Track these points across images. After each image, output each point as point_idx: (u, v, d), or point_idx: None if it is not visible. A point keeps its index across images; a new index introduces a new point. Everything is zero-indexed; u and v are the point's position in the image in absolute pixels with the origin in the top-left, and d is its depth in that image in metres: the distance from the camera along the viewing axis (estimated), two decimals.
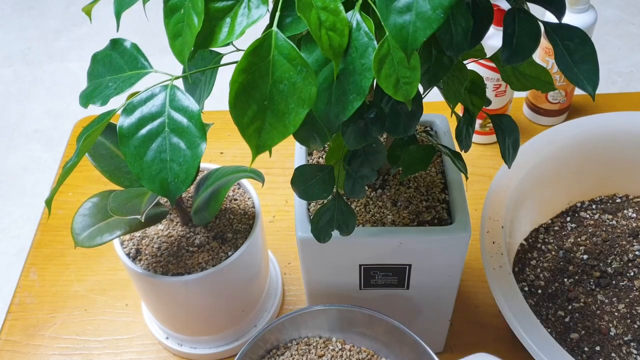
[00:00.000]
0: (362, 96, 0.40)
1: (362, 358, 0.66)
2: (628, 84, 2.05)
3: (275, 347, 0.66)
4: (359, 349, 0.66)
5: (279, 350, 0.66)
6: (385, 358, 0.66)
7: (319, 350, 0.66)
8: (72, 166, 0.46)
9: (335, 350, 0.66)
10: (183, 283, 0.63)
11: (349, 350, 0.66)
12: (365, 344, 0.66)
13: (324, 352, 0.66)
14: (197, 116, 0.44)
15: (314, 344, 0.67)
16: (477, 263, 0.82)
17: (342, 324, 0.66)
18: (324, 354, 0.66)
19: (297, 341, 0.67)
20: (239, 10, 0.41)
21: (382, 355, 0.66)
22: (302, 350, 0.66)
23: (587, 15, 0.87)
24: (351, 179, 0.53)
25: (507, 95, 0.92)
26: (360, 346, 0.67)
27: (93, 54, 0.52)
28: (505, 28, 0.45)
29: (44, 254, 0.88)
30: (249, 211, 0.70)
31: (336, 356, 0.66)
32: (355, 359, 0.66)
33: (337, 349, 0.66)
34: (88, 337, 0.79)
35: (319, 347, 0.66)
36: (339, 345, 0.67)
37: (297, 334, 0.67)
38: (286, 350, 0.66)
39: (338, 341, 0.67)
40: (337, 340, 0.67)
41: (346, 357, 0.66)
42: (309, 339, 0.67)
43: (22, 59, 2.28)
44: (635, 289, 0.73)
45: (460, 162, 0.57)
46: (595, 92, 0.46)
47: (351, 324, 0.65)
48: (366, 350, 0.66)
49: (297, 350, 0.66)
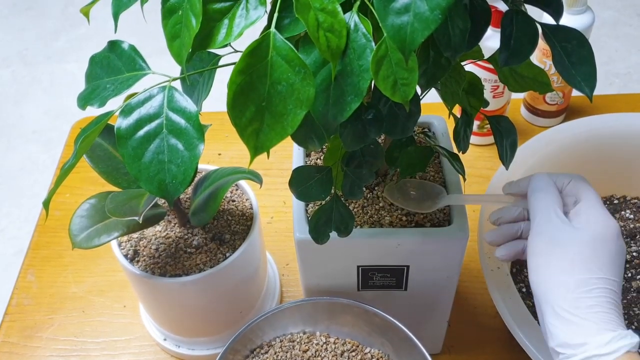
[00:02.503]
0: (360, 97, 0.40)
1: (347, 349, 0.66)
2: (625, 85, 2.05)
3: (259, 346, 0.66)
4: (344, 341, 0.67)
5: (262, 348, 0.66)
6: (370, 347, 0.66)
7: (303, 345, 0.66)
8: (70, 167, 0.46)
9: (320, 344, 0.66)
10: (181, 284, 0.63)
11: (333, 343, 0.67)
12: (350, 335, 0.67)
13: (308, 346, 0.66)
14: (195, 117, 0.44)
15: (298, 339, 0.67)
16: (475, 264, 0.82)
17: (323, 316, 0.66)
18: (308, 348, 0.66)
19: (280, 338, 0.67)
20: (237, 12, 0.41)
21: (367, 345, 0.66)
22: (286, 347, 0.66)
23: (585, 16, 0.88)
24: (349, 180, 0.53)
25: (505, 96, 0.92)
26: (345, 338, 0.67)
27: (91, 55, 0.52)
28: (503, 29, 0.45)
29: (41, 255, 0.88)
30: (247, 212, 0.70)
31: (321, 350, 0.66)
32: (340, 350, 0.66)
33: (321, 343, 0.67)
34: (86, 339, 0.78)
35: (302, 343, 0.67)
36: (323, 339, 0.67)
37: (281, 331, 0.67)
38: (270, 348, 0.66)
39: (322, 335, 0.67)
40: (321, 334, 0.67)
41: (331, 350, 0.66)
42: (293, 335, 0.67)
43: (20, 59, 2.27)
44: (632, 290, 0.73)
45: (457, 163, 0.57)
46: (593, 93, 0.46)
47: (332, 316, 0.65)
48: (350, 341, 0.67)
49: (281, 347, 0.66)
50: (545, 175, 0.53)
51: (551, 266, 0.48)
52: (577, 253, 0.47)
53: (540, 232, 0.49)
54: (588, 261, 0.47)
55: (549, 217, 0.50)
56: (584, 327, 0.46)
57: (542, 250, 0.49)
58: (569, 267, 0.47)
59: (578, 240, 0.48)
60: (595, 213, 0.50)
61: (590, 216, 0.49)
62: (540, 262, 0.49)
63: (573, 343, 0.46)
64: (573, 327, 0.46)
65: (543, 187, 0.52)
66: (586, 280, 0.47)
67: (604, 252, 0.48)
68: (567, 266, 0.47)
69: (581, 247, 0.48)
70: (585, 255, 0.47)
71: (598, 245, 0.48)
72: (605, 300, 0.46)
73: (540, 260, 0.49)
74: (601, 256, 0.47)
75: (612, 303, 0.47)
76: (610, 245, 0.48)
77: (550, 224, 0.49)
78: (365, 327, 0.65)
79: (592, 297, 0.46)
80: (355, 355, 0.66)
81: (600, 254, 0.47)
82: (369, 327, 0.65)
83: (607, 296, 0.47)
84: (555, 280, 0.48)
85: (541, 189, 0.52)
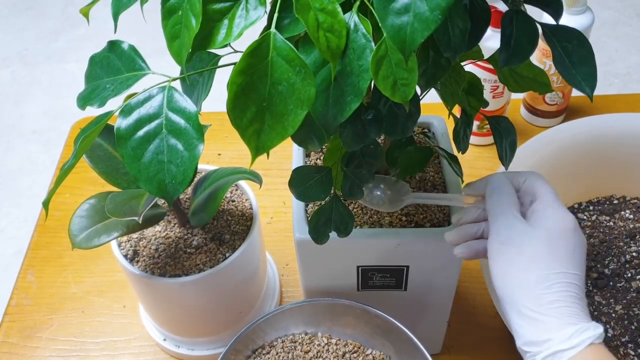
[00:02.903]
0: (360, 97, 0.40)
1: (348, 351, 0.66)
2: (625, 85, 2.05)
3: (261, 346, 0.66)
4: (346, 342, 0.67)
5: (264, 349, 0.66)
6: (372, 349, 0.66)
7: (305, 346, 0.66)
8: (69, 167, 0.46)
9: (322, 345, 0.66)
10: (181, 284, 0.63)
11: (335, 344, 0.67)
12: (352, 337, 0.67)
13: (310, 347, 0.66)
14: (195, 117, 0.44)
15: (300, 340, 0.67)
16: (475, 264, 0.82)
17: (325, 317, 0.66)
18: (309, 349, 0.66)
19: (282, 339, 0.67)
20: (237, 12, 0.41)
21: (369, 347, 0.66)
22: (287, 348, 0.66)
23: (585, 16, 0.88)
24: (349, 181, 0.53)
25: (505, 96, 0.92)
26: (347, 339, 0.67)
27: (91, 55, 0.52)
28: (503, 30, 0.45)
29: (41, 255, 0.88)
30: (247, 213, 0.70)
31: (322, 351, 0.66)
32: (341, 352, 0.66)
33: (322, 344, 0.67)
34: (85, 339, 0.78)
35: (304, 343, 0.67)
36: (325, 340, 0.67)
37: (283, 331, 0.67)
38: (272, 348, 0.66)
39: (324, 336, 0.67)
40: (323, 335, 0.67)
41: (332, 351, 0.66)
42: (295, 336, 0.67)
43: (20, 60, 2.27)
44: (632, 290, 0.73)
45: (455, 164, 0.57)
46: (593, 93, 0.46)
47: (333, 317, 0.65)
48: (352, 343, 0.67)
49: (283, 348, 0.66)
50: (501, 175, 0.53)
51: (511, 267, 0.48)
52: (535, 251, 0.48)
53: (498, 234, 0.50)
54: (545, 258, 0.47)
55: (505, 218, 0.50)
56: (546, 323, 0.46)
57: (501, 253, 0.49)
58: (527, 265, 0.48)
59: (535, 238, 0.48)
60: (551, 209, 0.50)
61: (546, 213, 0.50)
62: (500, 265, 0.49)
63: (538, 340, 0.46)
64: (537, 324, 0.46)
65: (499, 188, 0.52)
66: (545, 276, 0.47)
67: (560, 247, 0.48)
68: (525, 264, 0.48)
69: (538, 245, 0.48)
70: (542, 252, 0.48)
71: (554, 240, 0.48)
72: (567, 295, 0.47)
73: (500, 263, 0.49)
74: (558, 251, 0.48)
75: (574, 296, 0.47)
76: (567, 239, 0.48)
77: (507, 226, 0.50)
78: (366, 329, 0.65)
79: (552, 293, 0.46)
80: (356, 357, 0.66)
81: (557, 249, 0.48)
82: (371, 329, 0.65)
83: (568, 290, 0.47)
84: (515, 281, 0.48)
85: (498, 190, 0.52)
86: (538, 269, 0.47)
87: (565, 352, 0.45)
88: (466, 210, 0.55)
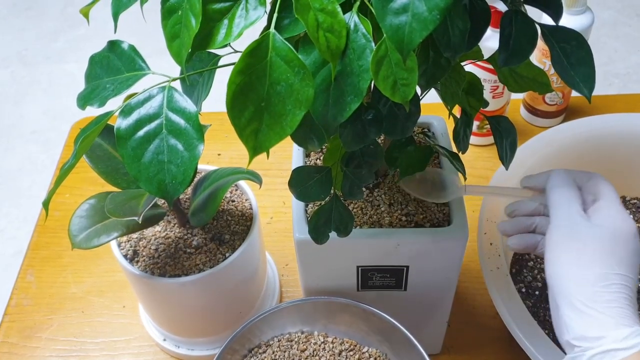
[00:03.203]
0: (360, 98, 0.40)
1: (345, 349, 0.66)
2: (625, 85, 2.06)
3: (257, 345, 0.66)
4: (342, 340, 0.67)
5: (260, 348, 0.66)
6: (368, 347, 0.66)
7: (301, 344, 0.66)
8: (69, 168, 0.46)
9: (318, 344, 0.67)
10: (180, 284, 0.63)
11: (331, 342, 0.67)
12: (348, 335, 0.67)
13: (306, 346, 0.66)
14: (195, 117, 0.44)
15: (296, 339, 0.67)
16: (475, 264, 0.82)
17: (321, 316, 0.66)
18: (306, 348, 0.66)
19: (278, 338, 0.67)
20: (236, 12, 0.41)
21: (365, 344, 0.66)
22: (284, 347, 0.66)
23: (584, 17, 0.88)
24: (349, 181, 0.53)
25: (505, 96, 0.92)
26: (343, 337, 0.67)
27: (91, 55, 0.52)
28: (502, 30, 0.45)
29: (41, 255, 0.88)
30: (247, 213, 0.70)
31: (318, 349, 0.66)
32: (337, 350, 0.66)
33: (319, 342, 0.67)
34: (85, 339, 0.78)
35: (300, 342, 0.67)
36: (321, 338, 0.67)
37: (280, 330, 0.67)
38: (268, 347, 0.66)
39: (320, 334, 0.67)
40: (319, 334, 0.67)
41: (329, 349, 0.66)
42: (291, 335, 0.67)
43: (20, 60, 2.27)
44: None
45: (458, 163, 0.57)
46: (592, 94, 0.46)
47: (330, 315, 0.66)
48: (348, 341, 0.67)
49: (279, 347, 0.66)
50: (564, 171, 0.54)
51: (570, 260, 0.49)
52: (597, 248, 0.48)
53: (560, 225, 0.50)
54: (607, 257, 0.48)
55: (569, 212, 0.50)
56: (601, 320, 0.46)
57: (561, 244, 0.50)
58: (589, 262, 0.48)
59: (598, 236, 0.49)
60: (615, 211, 0.50)
61: (610, 214, 0.50)
62: (558, 255, 0.49)
63: (590, 336, 0.46)
64: (590, 320, 0.46)
65: (563, 183, 0.53)
66: (605, 275, 0.47)
67: (622, 249, 0.48)
68: (586, 260, 0.48)
69: (601, 243, 0.48)
70: (604, 251, 0.48)
71: (617, 242, 0.49)
72: (622, 297, 0.47)
73: (559, 254, 0.49)
74: (619, 253, 0.48)
75: (629, 299, 0.47)
76: (628, 243, 0.49)
77: (570, 219, 0.50)
78: (363, 327, 0.65)
79: (610, 292, 0.47)
80: (353, 355, 0.66)
81: (618, 251, 0.48)
82: (367, 327, 0.65)
83: (624, 292, 0.47)
84: (573, 274, 0.48)
85: (561, 185, 0.53)
86: (599, 267, 0.47)
87: (619, 352, 0.45)
88: (522, 202, 0.56)
